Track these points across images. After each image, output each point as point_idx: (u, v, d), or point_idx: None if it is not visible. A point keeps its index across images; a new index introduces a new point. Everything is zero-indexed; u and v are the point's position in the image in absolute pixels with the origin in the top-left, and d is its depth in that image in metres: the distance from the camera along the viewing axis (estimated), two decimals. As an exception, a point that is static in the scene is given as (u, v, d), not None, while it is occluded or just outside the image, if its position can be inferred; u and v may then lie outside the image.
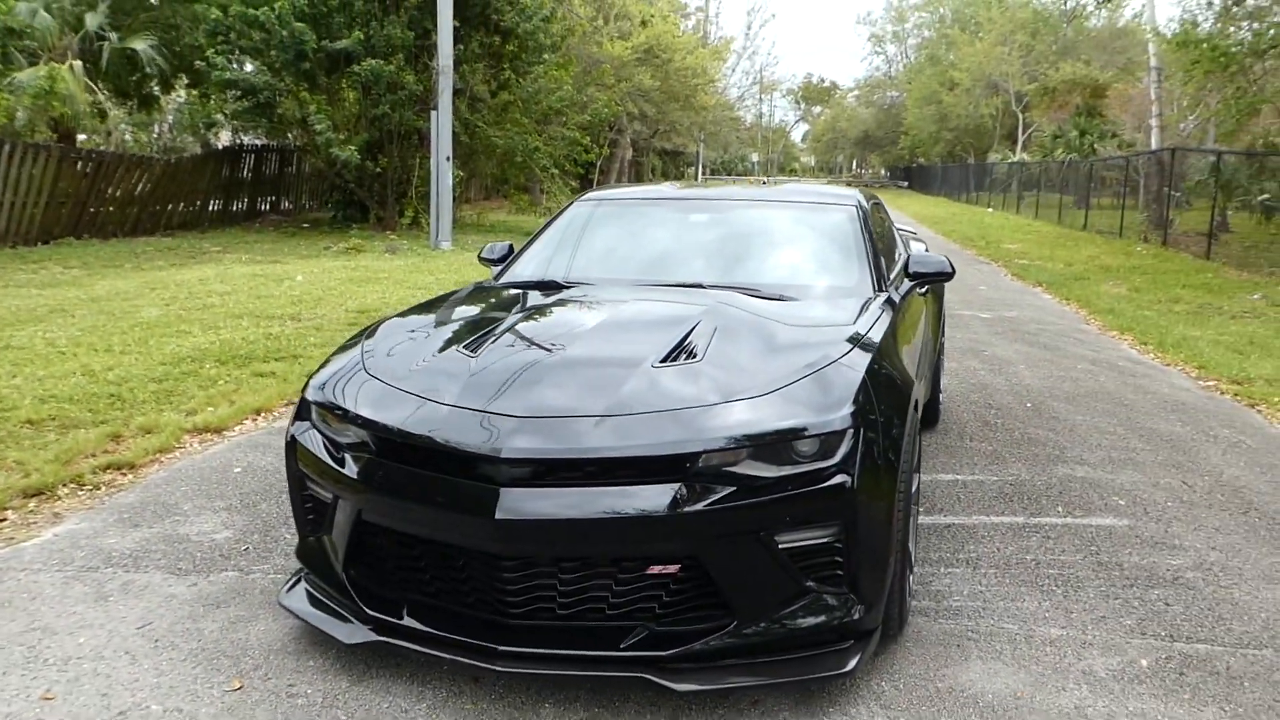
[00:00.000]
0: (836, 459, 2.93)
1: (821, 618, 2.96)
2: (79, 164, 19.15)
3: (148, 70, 23.04)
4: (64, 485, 4.95)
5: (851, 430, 2.97)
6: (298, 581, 3.51)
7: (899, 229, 6.95)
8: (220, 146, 26.31)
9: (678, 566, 2.90)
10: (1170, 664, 3.38)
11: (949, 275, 4.55)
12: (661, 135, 48.58)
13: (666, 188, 5.40)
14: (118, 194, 20.17)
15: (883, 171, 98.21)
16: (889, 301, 4.18)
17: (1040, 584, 4.02)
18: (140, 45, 22.40)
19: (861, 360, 3.28)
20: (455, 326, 3.77)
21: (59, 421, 5.98)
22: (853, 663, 2.98)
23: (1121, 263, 18.29)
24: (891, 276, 4.55)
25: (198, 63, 20.82)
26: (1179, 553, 4.40)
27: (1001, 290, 14.31)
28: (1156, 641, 3.54)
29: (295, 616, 3.38)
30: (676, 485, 2.83)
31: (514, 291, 4.34)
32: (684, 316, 3.63)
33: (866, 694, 3.13)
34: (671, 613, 2.95)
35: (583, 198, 5.25)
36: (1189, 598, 3.93)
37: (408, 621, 3.06)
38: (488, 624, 2.99)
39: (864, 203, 4.85)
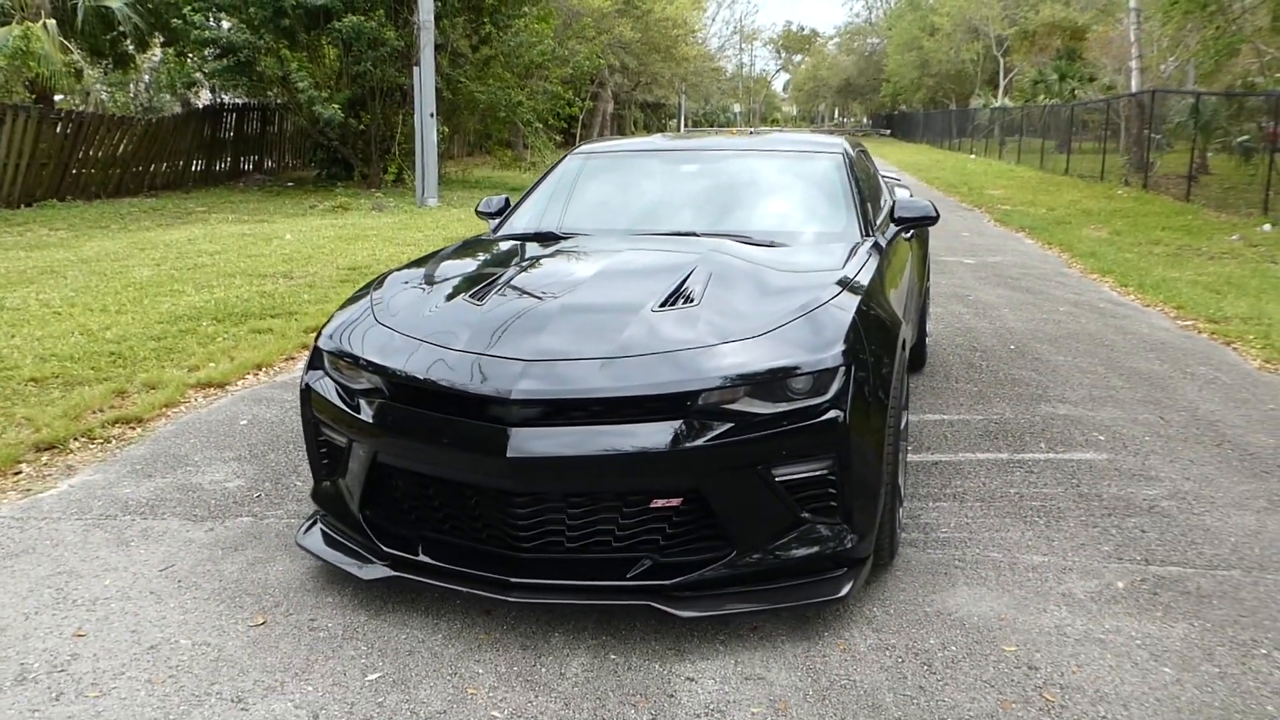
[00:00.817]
0: (829, 395, 3.09)
1: (816, 547, 3.13)
2: (58, 125, 19.01)
3: (123, 29, 22.81)
4: (74, 439, 5.08)
5: (843, 368, 3.12)
6: (314, 524, 3.66)
7: (884, 175, 7.08)
8: (200, 106, 26.04)
9: (680, 500, 3.06)
10: (1144, 585, 3.58)
11: (933, 219, 4.69)
12: (643, 87, 48.35)
13: (657, 139, 5.50)
14: (99, 155, 20.06)
15: (865, 120, 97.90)
16: (876, 246, 4.32)
17: (1023, 515, 4.20)
18: (115, 3, 22.13)
19: (851, 302, 3.42)
20: (459, 277, 3.89)
21: (62, 379, 6.09)
22: (846, 589, 3.15)
23: (1103, 206, 18.46)
24: (878, 222, 4.68)
25: (174, 20, 20.60)
26: (1155, 484, 4.59)
27: (985, 236, 14.46)
28: (1132, 565, 3.74)
29: (313, 556, 3.53)
30: (677, 423, 2.98)
31: (513, 244, 4.46)
32: (679, 264, 3.76)
33: (859, 618, 3.31)
34: (674, 544, 3.11)
35: (575, 151, 5.35)
36: (1163, 525, 4.12)
37: (423, 557, 3.22)
38: (500, 558, 3.15)
39: (849, 150, 4.97)
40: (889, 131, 76.95)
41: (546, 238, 4.51)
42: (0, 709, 2.81)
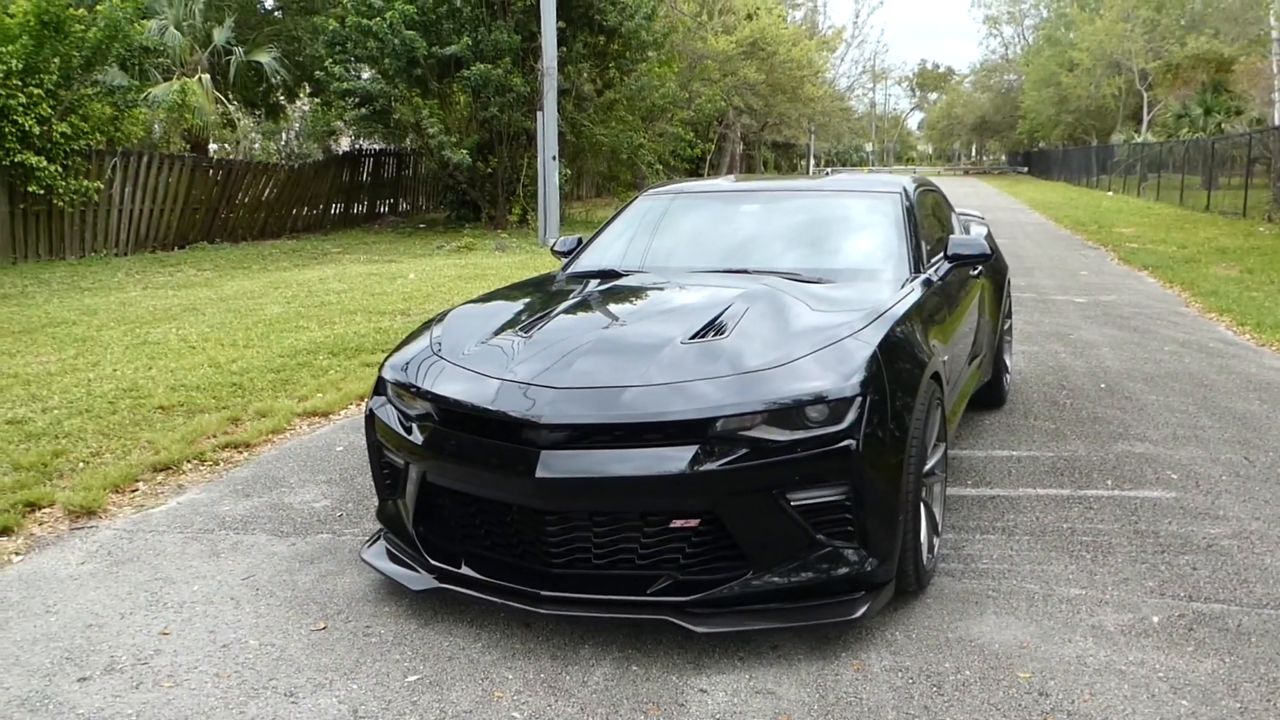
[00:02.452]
0: (844, 424, 3.23)
1: (831, 570, 3.27)
2: (210, 172, 20.39)
3: (272, 81, 24.35)
4: (188, 461, 5.56)
5: (860, 398, 3.26)
6: (377, 539, 3.97)
7: (965, 213, 7.12)
8: (340, 153, 27.48)
9: (698, 520, 3.24)
10: (1181, 620, 3.56)
11: (988, 257, 4.75)
12: (771, 128, 48.62)
13: (723, 182, 5.71)
14: (246, 199, 21.41)
15: (1002, 157, 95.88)
16: (925, 282, 4.43)
17: (1070, 550, 4.21)
18: (265, 58, 23.71)
19: (875, 335, 3.56)
20: (512, 311, 4.18)
21: (186, 407, 6.63)
22: (860, 611, 3.27)
23: (1239, 244, 17.76)
24: (934, 260, 4.78)
25: (317, 72, 21.89)
26: (1220, 522, 4.52)
27: (1104, 275, 14.12)
28: (1174, 601, 3.72)
29: (374, 569, 3.84)
30: (694, 447, 3.17)
31: (572, 281, 4.73)
32: (719, 300, 3.95)
33: (879, 641, 3.41)
34: (694, 562, 3.29)
35: (646, 193, 5.61)
36: (1218, 563, 4.07)
37: (465, 570, 3.48)
38: (534, 573, 3.39)
39: (910, 190, 5.08)
40: (1026, 169, 75.15)
41: (607, 275, 4.76)
42: (89, 693, 3.18)
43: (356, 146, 28.67)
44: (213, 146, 26.56)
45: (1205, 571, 3.99)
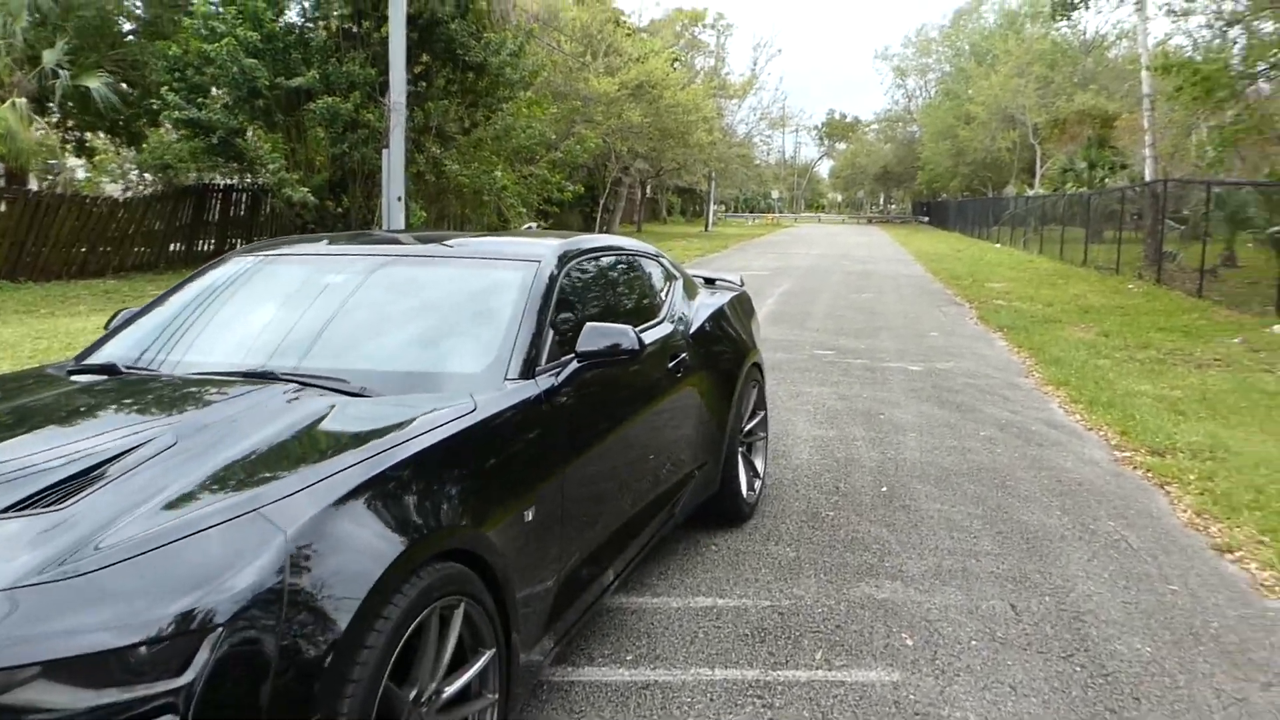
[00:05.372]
0: (177, 681, 1.86)
1: None
2: (14, 203, 18.50)
3: (102, 108, 22.50)
4: None
5: (213, 637, 1.90)
6: None
7: (722, 278, 5.90)
8: (183, 186, 25.65)
9: None
10: None
11: (626, 353, 3.40)
12: (670, 173, 47.66)
13: (325, 243, 4.29)
14: (62, 234, 19.51)
15: (908, 207, 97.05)
16: (526, 394, 3.11)
17: (703, 791, 2.90)
18: (94, 83, 21.83)
19: (306, 508, 2.20)
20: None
21: None
22: None
23: (1105, 302, 17.05)
24: (565, 357, 3.46)
25: (153, 102, 20.22)
26: (940, 729, 3.26)
27: (954, 337, 13.11)
28: None
29: None
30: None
31: (44, 384, 3.29)
32: (140, 431, 2.57)
33: None
34: None
35: (238, 251, 4.23)
36: (906, 816, 2.79)
37: None
38: None
39: (553, 262, 3.71)
40: (927, 219, 75.80)
41: (107, 370, 3.36)
42: None
43: (206, 180, 26.85)
44: (47, 178, 24.59)
45: (881, 835, 2.70)
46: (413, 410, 2.77)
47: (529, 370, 3.22)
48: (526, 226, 6.79)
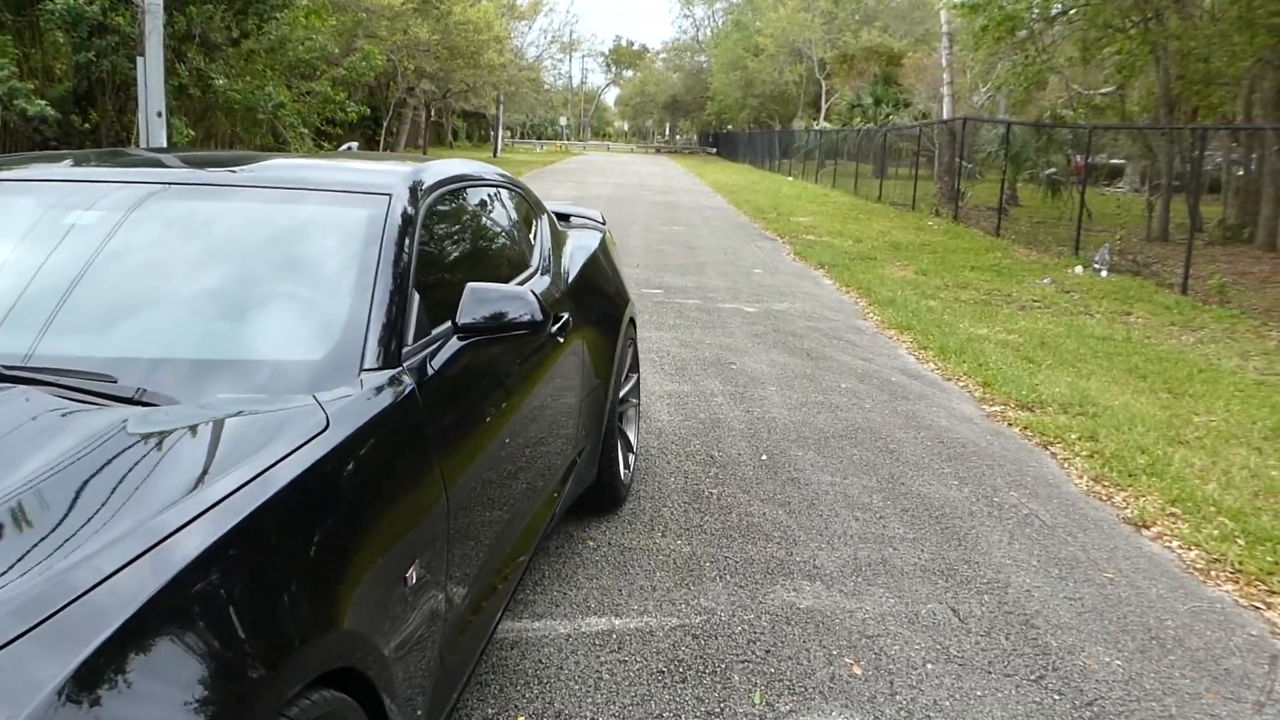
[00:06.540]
0: None
1: None
2: None
3: None
4: None
5: None
6: None
7: (579, 213, 4.96)
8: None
9: None
10: None
11: (527, 326, 2.47)
12: (458, 96, 45.51)
13: (69, 163, 3.09)
14: None
15: (694, 137, 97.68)
16: (387, 392, 2.11)
17: None
18: None
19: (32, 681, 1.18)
20: None
21: None
22: None
23: (912, 239, 17.09)
24: (440, 330, 2.46)
25: None
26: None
27: (779, 274, 12.63)
28: None
29: None
30: None
31: None
32: None
33: None
34: None
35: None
36: None
37: None
38: None
39: (405, 196, 2.65)
40: (715, 150, 76.37)
41: None
42: None
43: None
44: None
45: None
46: (230, 435, 1.74)
47: (394, 356, 2.21)
48: (347, 147, 5.61)
